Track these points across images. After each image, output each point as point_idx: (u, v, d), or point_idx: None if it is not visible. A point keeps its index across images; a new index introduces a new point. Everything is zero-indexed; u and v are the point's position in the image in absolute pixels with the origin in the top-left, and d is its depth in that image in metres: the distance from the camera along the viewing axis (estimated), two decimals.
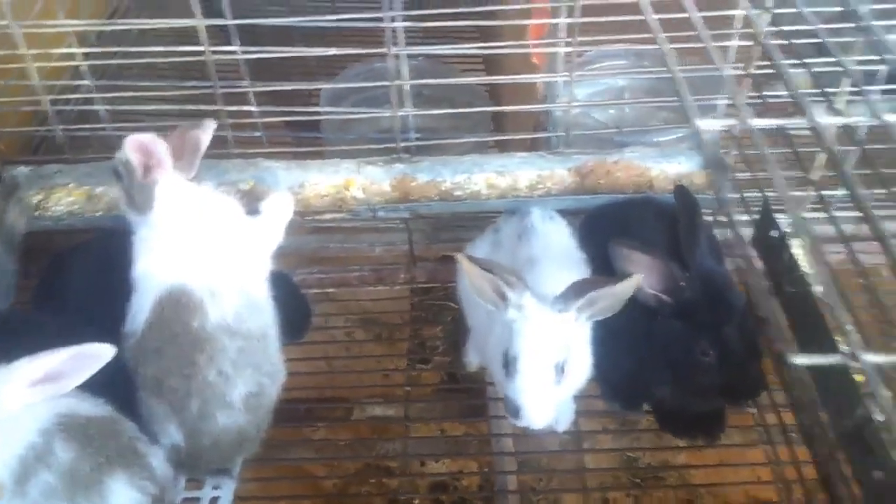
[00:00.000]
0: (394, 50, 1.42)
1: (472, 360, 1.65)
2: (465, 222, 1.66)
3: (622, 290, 1.20)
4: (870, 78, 1.49)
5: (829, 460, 1.10)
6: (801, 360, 0.64)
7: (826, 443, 1.13)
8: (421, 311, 2.14)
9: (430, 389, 2.04)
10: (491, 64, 2.06)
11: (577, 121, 1.90)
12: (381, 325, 2.22)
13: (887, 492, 1.09)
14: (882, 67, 1.46)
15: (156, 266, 1.30)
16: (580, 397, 1.53)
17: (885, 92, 1.49)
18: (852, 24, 1.11)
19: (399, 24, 1.43)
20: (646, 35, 1.10)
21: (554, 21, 1.48)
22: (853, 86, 1.24)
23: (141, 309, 1.28)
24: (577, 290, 1.22)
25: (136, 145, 1.28)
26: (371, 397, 2.00)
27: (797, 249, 1.36)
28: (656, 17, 1.04)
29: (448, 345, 2.02)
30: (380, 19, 1.40)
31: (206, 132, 1.36)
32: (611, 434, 1.85)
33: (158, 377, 1.26)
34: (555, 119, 1.64)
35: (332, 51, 1.46)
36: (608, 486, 1.94)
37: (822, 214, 1.39)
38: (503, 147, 1.78)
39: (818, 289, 1.33)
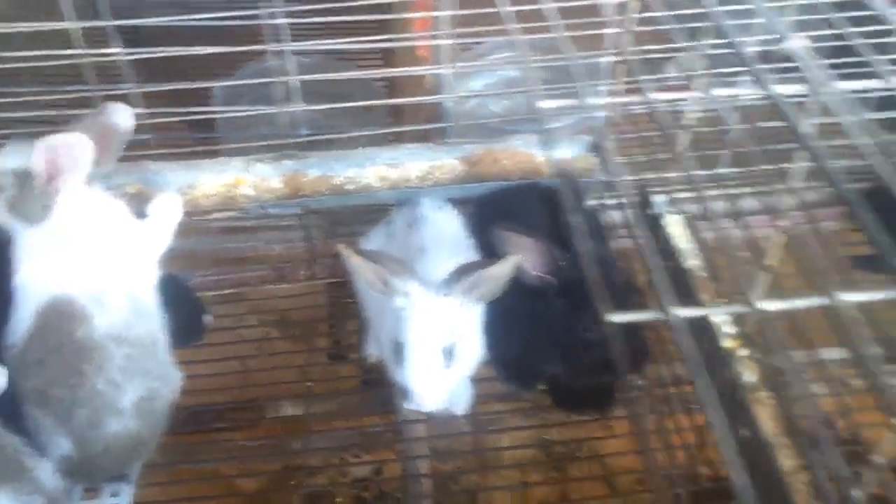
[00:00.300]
0: (275, 47, 1.42)
1: (373, 351, 1.67)
2: (364, 216, 1.68)
3: (500, 272, 1.24)
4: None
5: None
6: (616, 317, 0.68)
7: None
8: (336, 308, 2.14)
9: (347, 384, 2.05)
10: (389, 59, 2.09)
11: (473, 112, 1.94)
12: (295, 324, 2.22)
13: (753, 449, 1.16)
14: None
15: (38, 275, 1.27)
16: (494, 380, 1.57)
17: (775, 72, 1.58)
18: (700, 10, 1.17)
19: (279, 21, 1.44)
20: (528, 25, 1.14)
21: (434, 14, 1.51)
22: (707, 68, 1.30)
23: (22, 319, 1.25)
24: (458, 274, 1.25)
25: (55, 147, 1.20)
26: (288, 396, 2.00)
27: (672, 226, 1.43)
28: (513, 8, 1.08)
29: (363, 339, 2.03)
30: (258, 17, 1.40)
31: (122, 115, 1.32)
32: (523, 414, 1.90)
33: (42, 389, 1.24)
34: (446, 111, 1.67)
35: (212, 49, 1.45)
36: (525, 463, 2.00)
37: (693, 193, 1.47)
38: (402, 140, 1.80)
39: (693, 262, 1.41)
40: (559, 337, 1.35)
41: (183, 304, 1.46)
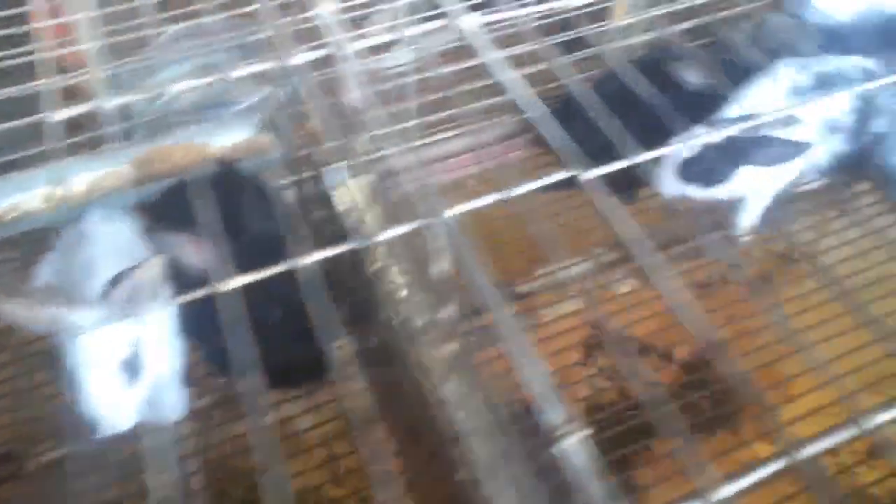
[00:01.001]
0: None
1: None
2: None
3: (149, 274, 1.20)
4: None
5: None
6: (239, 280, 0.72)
7: None
8: None
9: None
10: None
11: (160, 108, 1.88)
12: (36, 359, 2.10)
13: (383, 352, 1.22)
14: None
15: None
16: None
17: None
18: None
19: None
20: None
21: (67, 20, 1.44)
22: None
23: None
24: (111, 285, 1.21)
25: None
26: (52, 437, 1.92)
27: (340, 190, 1.48)
28: None
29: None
30: None
31: None
32: (321, 390, 1.89)
33: None
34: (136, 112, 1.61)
35: None
36: (331, 437, 2.03)
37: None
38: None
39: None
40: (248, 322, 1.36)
41: None
